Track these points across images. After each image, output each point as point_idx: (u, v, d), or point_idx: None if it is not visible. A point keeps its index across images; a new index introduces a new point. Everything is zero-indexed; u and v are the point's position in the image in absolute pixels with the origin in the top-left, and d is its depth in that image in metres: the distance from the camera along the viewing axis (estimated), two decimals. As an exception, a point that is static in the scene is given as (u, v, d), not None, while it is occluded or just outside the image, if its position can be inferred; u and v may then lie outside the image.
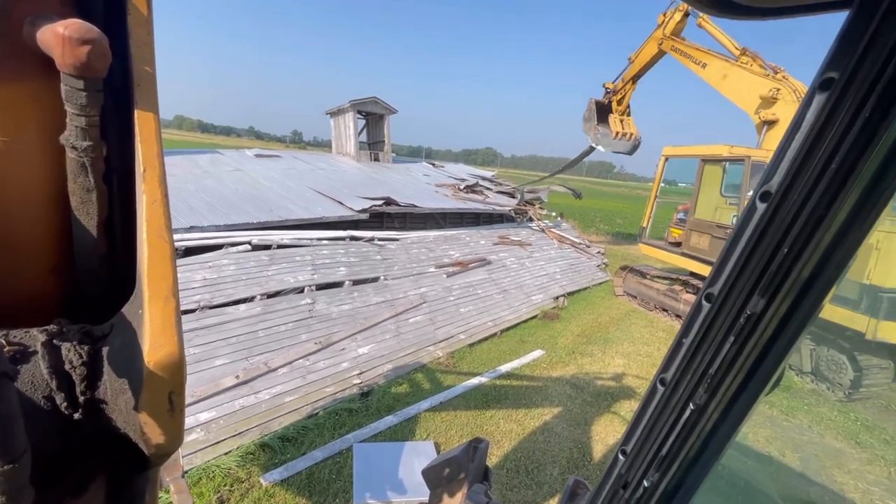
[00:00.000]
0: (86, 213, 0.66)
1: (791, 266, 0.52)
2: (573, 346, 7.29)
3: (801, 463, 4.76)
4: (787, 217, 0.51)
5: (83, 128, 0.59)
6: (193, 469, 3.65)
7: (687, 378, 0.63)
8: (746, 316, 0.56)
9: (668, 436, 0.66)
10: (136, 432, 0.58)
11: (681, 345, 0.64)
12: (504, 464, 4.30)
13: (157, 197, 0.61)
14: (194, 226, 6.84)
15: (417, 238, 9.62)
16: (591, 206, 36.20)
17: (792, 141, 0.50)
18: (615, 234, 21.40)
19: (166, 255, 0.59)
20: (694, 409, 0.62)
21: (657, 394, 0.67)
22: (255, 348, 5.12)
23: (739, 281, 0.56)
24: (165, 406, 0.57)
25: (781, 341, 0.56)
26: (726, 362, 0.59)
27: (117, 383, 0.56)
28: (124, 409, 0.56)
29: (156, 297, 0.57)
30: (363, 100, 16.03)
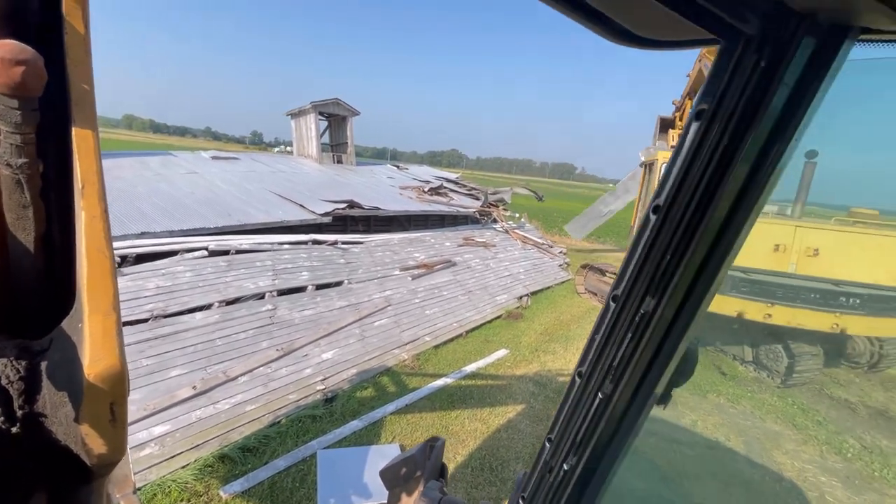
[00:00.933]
0: (22, 229, 0.66)
1: (675, 269, 0.60)
2: (536, 345, 7.48)
3: (745, 446, 5.10)
4: (671, 227, 0.59)
5: (18, 145, 0.60)
6: (148, 485, 3.51)
7: (597, 371, 0.70)
8: (641, 314, 0.64)
9: (583, 423, 0.73)
10: (77, 444, 0.59)
11: (593, 341, 0.71)
12: (469, 462, 4.37)
13: (96, 213, 0.62)
14: (146, 231, 6.55)
15: (382, 241, 9.58)
16: (554, 207, 37.09)
17: (675, 162, 0.58)
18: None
19: (107, 269, 0.61)
20: (602, 398, 0.70)
21: (575, 386, 0.74)
22: (214, 357, 4.96)
23: (637, 284, 0.64)
24: (107, 417, 0.59)
25: (673, 335, 0.64)
26: (626, 356, 0.66)
27: (57, 396, 0.57)
28: (64, 422, 0.58)
29: (96, 311, 0.58)
30: (325, 101, 15.79)
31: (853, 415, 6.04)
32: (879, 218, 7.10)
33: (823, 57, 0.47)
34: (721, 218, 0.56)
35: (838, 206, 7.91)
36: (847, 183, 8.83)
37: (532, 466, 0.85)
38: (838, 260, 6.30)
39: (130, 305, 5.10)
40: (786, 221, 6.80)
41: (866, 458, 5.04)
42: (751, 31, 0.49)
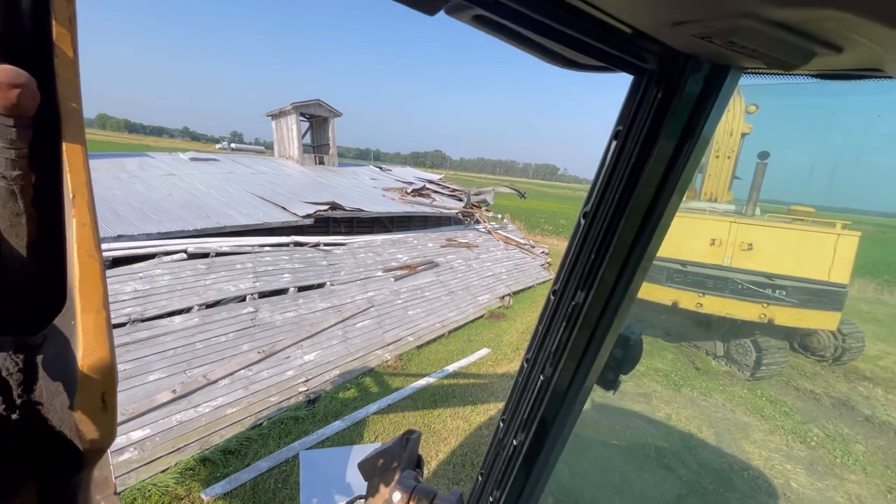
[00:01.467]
0: (15, 235, 0.72)
1: (600, 265, 0.70)
2: (518, 343, 7.61)
3: (716, 437, 5.31)
4: (597, 229, 0.68)
5: (13, 159, 0.66)
6: (127, 489, 3.49)
7: (540, 357, 0.79)
8: (573, 306, 0.73)
9: (529, 403, 0.82)
10: (71, 430, 0.65)
11: (538, 331, 0.80)
12: (451, 459, 4.45)
13: (86, 221, 0.69)
14: (122, 234, 6.45)
15: (364, 242, 9.60)
16: (537, 208, 37.52)
17: (599, 175, 0.67)
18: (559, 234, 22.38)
19: (97, 271, 0.68)
20: (544, 380, 0.78)
21: (523, 371, 0.83)
22: (194, 361, 4.93)
23: (571, 279, 0.73)
24: (99, 405, 0.65)
25: (602, 323, 0.73)
26: (562, 342, 0.75)
27: (52, 386, 0.64)
28: (59, 410, 0.64)
29: (88, 309, 0.65)
30: (306, 102, 15.69)
31: (818, 405, 6.33)
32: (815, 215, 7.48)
33: (710, 88, 0.57)
34: (637, 221, 0.66)
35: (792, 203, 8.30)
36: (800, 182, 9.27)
37: (489, 446, 0.94)
38: (770, 254, 6.65)
39: (107, 310, 5.03)
40: (723, 218, 7.14)
41: (829, 445, 5.30)
42: (651, 67, 0.58)
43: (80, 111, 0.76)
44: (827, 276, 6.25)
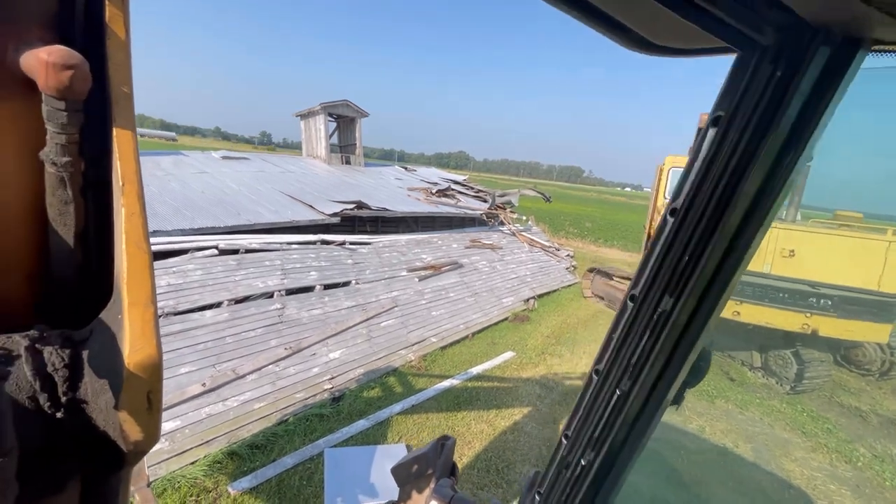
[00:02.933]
0: (63, 225, 0.69)
1: (692, 270, 0.62)
2: (543, 348, 7.47)
3: (754, 453, 5.06)
4: (689, 229, 0.61)
5: (63, 145, 0.63)
6: (158, 480, 3.55)
7: (615, 368, 0.72)
8: (659, 313, 0.65)
9: (601, 419, 0.74)
10: (115, 430, 0.62)
11: (611, 339, 0.73)
12: (475, 463, 4.38)
13: (135, 210, 0.65)
14: (158, 230, 6.64)
15: (389, 242, 9.62)
16: (561, 210, 37.03)
17: (692, 167, 0.59)
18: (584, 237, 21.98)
19: (145, 263, 0.64)
20: (620, 394, 0.71)
21: (592, 383, 0.75)
22: (223, 355, 5.02)
23: (655, 284, 0.66)
24: (144, 405, 0.62)
25: (689, 334, 0.65)
26: (644, 354, 0.68)
27: (98, 384, 0.60)
28: (104, 408, 0.60)
29: (135, 304, 0.61)
30: (334, 102, 15.89)
31: (864, 423, 5.97)
32: (863, 221, 7.07)
33: (837, 67, 0.49)
34: (737, 222, 0.58)
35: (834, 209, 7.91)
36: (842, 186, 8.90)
37: (548, 463, 0.87)
38: (814, 261, 6.28)
39: (142, 302, 5.17)
40: None
41: (877, 466, 4.98)
42: (766, 42, 0.50)
43: (132, 95, 0.73)
44: (877, 285, 5.88)
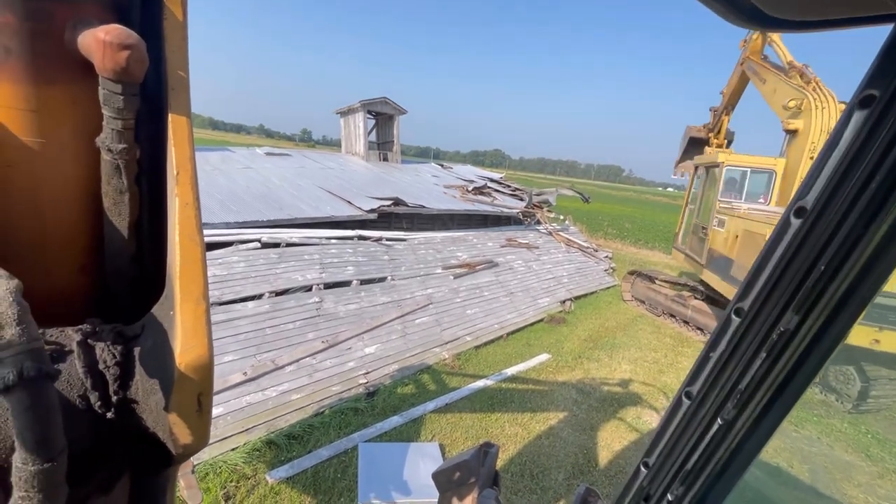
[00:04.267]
0: (118, 215, 0.67)
1: (826, 284, 0.52)
2: (580, 351, 7.25)
3: (811, 475, 4.69)
4: (823, 234, 0.51)
5: (119, 130, 0.61)
6: (201, 464, 3.68)
7: (715, 392, 0.62)
8: (780, 332, 0.56)
9: (694, 450, 0.65)
10: (165, 432, 0.58)
11: (708, 358, 0.63)
12: (509, 467, 4.28)
13: (189, 200, 0.62)
14: (205, 223, 6.89)
15: (425, 239, 9.63)
16: (600, 210, 36.04)
17: (829, 158, 0.49)
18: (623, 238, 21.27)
19: (198, 257, 0.60)
20: (722, 423, 0.62)
21: (682, 407, 0.66)
22: (263, 345, 5.15)
23: (772, 297, 0.56)
24: (194, 407, 0.58)
25: (813, 358, 0.55)
26: (757, 378, 0.58)
27: (148, 383, 0.57)
28: (155, 409, 0.57)
29: (187, 300, 0.58)
30: (373, 100, 16.09)
31: (939, 449, 5.43)
32: None
33: None
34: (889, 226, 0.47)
35: None
36: None
37: (622, 491, 0.78)
38: None
39: (190, 292, 5.39)
40: None
41: (955, 499, 4.51)
42: None
43: (188, 80, 0.70)
44: None
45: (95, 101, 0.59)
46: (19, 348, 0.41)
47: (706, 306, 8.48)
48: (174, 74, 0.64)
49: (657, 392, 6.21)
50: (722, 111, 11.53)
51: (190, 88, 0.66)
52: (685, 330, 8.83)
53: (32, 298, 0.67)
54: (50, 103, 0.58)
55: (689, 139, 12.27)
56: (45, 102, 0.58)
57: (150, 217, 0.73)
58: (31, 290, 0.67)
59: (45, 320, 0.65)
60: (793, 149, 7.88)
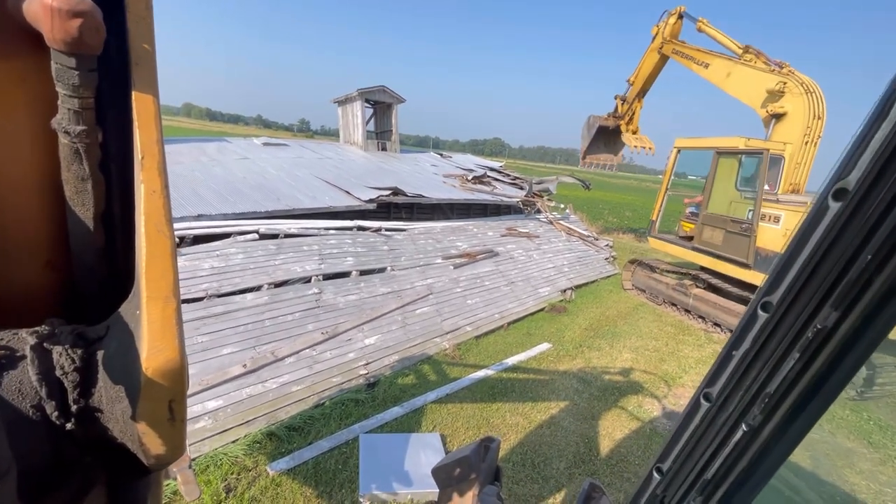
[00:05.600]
0: (81, 204, 0.61)
1: (873, 275, 0.46)
2: (580, 340, 7.24)
3: (812, 461, 4.69)
4: (869, 218, 0.45)
5: (76, 111, 0.54)
6: (201, 456, 3.67)
7: (738, 395, 0.57)
8: (815, 330, 0.50)
9: (715, 457, 0.60)
10: (133, 442, 0.53)
11: (730, 357, 0.58)
12: (510, 457, 4.28)
13: (156, 187, 0.56)
14: (202, 214, 6.84)
15: (425, 229, 9.56)
16: (600, 199, 35.89)
17: (876, 132, 0.43)
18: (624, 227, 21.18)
19: (166, 250, 0.54)
20: (747, 430, 0.56)
21: (700, 409, 0.61)
22: (263, 337, 5.12)
23: (806, 290, 0.50)
24: (165, 415, 0.53)
25: (851, 357, 0.50)
26: (788, 380, 0.53)
27: (113, 390, 0.52)
28: (121, 419, 0.52)
29: (154, 297, 0.52)
30: (371, 88, 15.87)
31: (941, 435, 5.42)
32: None
33: None
34: None
35: None
36: None
37: (634, 497, 0.74)
38: None
39: (187, 284, 5.34)
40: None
41: (957, 484, 4.51)
42: None
43: (153, 54, 0.63)
44: None
45: (48, 78, 0.53)
46: None
47: (708, 294, 8.44)
48: (137, 47, 0.58)
49: (658, 380, 6.20)
50: (634, 98, 11.71)
51: (156, 63, 0.60)
52: (686, 319, 8.80)
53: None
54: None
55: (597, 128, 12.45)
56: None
57: (120, 207, 0.67)
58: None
59: (5, 321, 0.59)
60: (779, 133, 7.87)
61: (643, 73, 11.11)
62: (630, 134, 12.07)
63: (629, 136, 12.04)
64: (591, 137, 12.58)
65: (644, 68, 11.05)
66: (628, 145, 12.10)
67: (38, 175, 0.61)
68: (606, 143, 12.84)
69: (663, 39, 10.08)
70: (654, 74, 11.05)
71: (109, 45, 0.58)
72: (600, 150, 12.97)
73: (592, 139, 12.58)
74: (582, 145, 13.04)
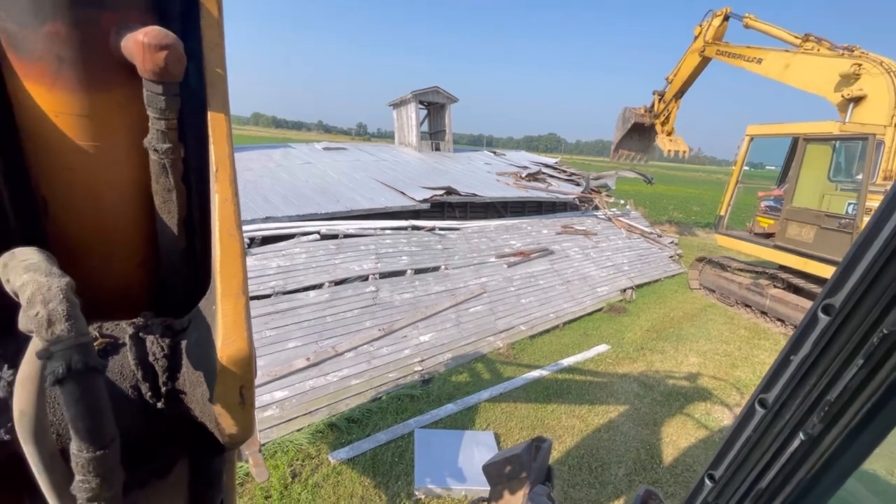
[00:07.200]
0: (167, 212, 0.69)
1: None
2: (642, 342, 6.91)
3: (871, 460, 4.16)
4: None
5: (163, 131, 0.62)
6: (270, 443, 3.94)
7: (796, 402, 0.53)
8: (882, 335, 0.46)
9: (770, 466, 0.57)
10: (211, 422, 0.60)
11: (788, 362, 0.54)
12: (566, 460, 4.19)
13: (227, 196, 0.63)
14: (270, 216, 7.31)
15: (478, 228, 9.57)
16: (664, 193, 33.95)
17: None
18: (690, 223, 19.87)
19: (237, 252, 0.61)
20: (805, 439, 0.53)
21: (755, 416, 0.58)
22: (324, 333, 5.39)
23: (873, 291, 0.46)
24: (237, 399, 0.59)
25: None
26: (850, 388, 0.49)
27: (194, 375, 0.59)
28: (200, 400, 0.59)
29: (227, 295, 0.58)
30: (425, 90, 16.11)
31: None
32: None
33: None
34: None
35: None
36: None
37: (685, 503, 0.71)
38: None
39: (257, 282, 5.74)
40: None
41: None
42: None
43: (225, 77, 0.70)
44: None
45: (141, 103, 0.61)
46: (68, 343, 0.43)
47: (788, 295, 7.70)
48: (212, 72, 0.65)
49: (729, 387, 5.78)
50: (672, 98, 11.17)
51: (228, 85, 0.67)
52: (762, 321, 8.11)
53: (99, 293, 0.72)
54: (101, 108, 0.61)
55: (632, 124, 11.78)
56: (97, 108, 0.61)
57: (200, 213, 0.75)
58: (97, 285, 0.72)
59: (109, 314, 0.69)
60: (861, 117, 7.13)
61: (682, 73, 10.73)
62: (665, 136, 11.68)
63: (664, 139, 11.66)
64: (624, 131, 12.24)
65: (684, 69, 10.66)
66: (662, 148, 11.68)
67: (134, 187, 0.70)
68: (640, 138, 12.42)
69: (705, 42, 9.65)
70: (694, 76, 10.70)
71: (189, 70, 0.66)
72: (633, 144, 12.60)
73: (626, 133, 12.21)
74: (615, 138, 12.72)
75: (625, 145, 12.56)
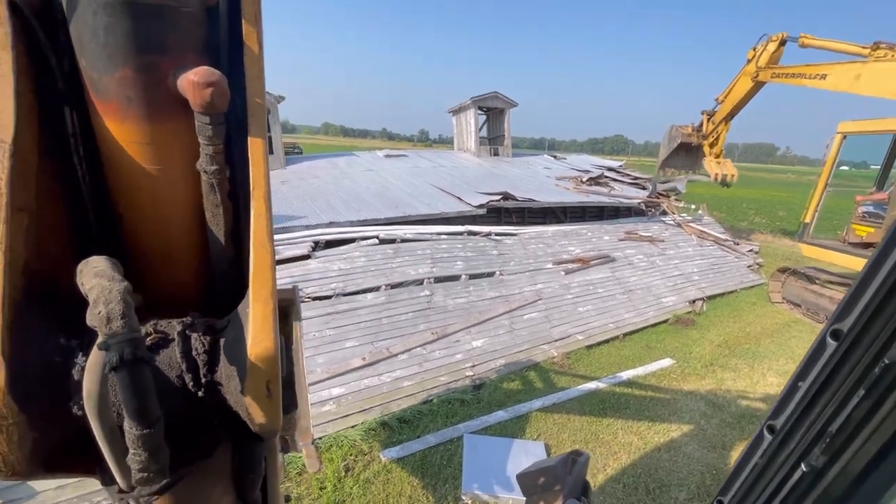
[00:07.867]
0: (216, 225, 0.80)
1: None
2: (711, 358, 6.42)
3: None
4: None
5: (210, 155, 0.72)
6: (326, 437, 4.16)
7: (800, 431, 0.50)
8: (884, 365, 0.42)
9: (774, 496, 0.53)
10: (243, 412, 0.69)
11: (796, 389, 0.51)
12: (621, 478, 4.01)
13: (262, 211, 0.71)
14: (333, 221, 7.73)
15: (535, 233, 9.43)
16: (744, 196, 31.24)
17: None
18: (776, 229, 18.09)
19: (267, 262, 0.69)
20: (808, 470, 0.49)
21: (763, 442, 0.55)
22: (380, 334, 5.59)
23: (879, 317, 0.42)
24: (264, 392, 0.67)
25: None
26: (854, 420, 0.45)
27: (229, 370, 0.68)
28: (234, 392, 0.68)
29: (258, 299, 0.66)
30: (484, 95, 16.18)
31: None
32: None
33: None
34: None
35: None
36: None
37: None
38: None
39: (320, 283, 6.09)
40: None
41: None
42: None
43: (264, 106, 0.80)
44: None
45: (193, 131, 0.71)
46: (122, 337, 0.52)
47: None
48: (252, 102, 0.74)
49: (815, 413, 5.20)
50: (721, 120, 10.54)
51: (266, 112, 0.76)
52: (859, 340, 7.21)
53: (160, 293, 0.84)
54: (162, 137, 0.72)
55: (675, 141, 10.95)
56: (158, 137, 0.71)
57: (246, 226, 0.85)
58: (159, 287, 0.84)
59: (167, 311, 0.81)
60: None
61: (734, 96, 10.12)
62: (712, 159, 11.09)
63: (711, 162, 11.08)
64: (670, 150, 11.73)
65: (735, 92, 10.04)
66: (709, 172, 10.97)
67: (189, 204, 0.81)
68: (687, 156, 11.82)
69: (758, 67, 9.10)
70: (747, 99, 10.03)
71: (236, 101, 0.75)
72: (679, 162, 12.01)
73: (672, 151, 11.65)
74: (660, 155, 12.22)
75: (671, 163, 12.10)
